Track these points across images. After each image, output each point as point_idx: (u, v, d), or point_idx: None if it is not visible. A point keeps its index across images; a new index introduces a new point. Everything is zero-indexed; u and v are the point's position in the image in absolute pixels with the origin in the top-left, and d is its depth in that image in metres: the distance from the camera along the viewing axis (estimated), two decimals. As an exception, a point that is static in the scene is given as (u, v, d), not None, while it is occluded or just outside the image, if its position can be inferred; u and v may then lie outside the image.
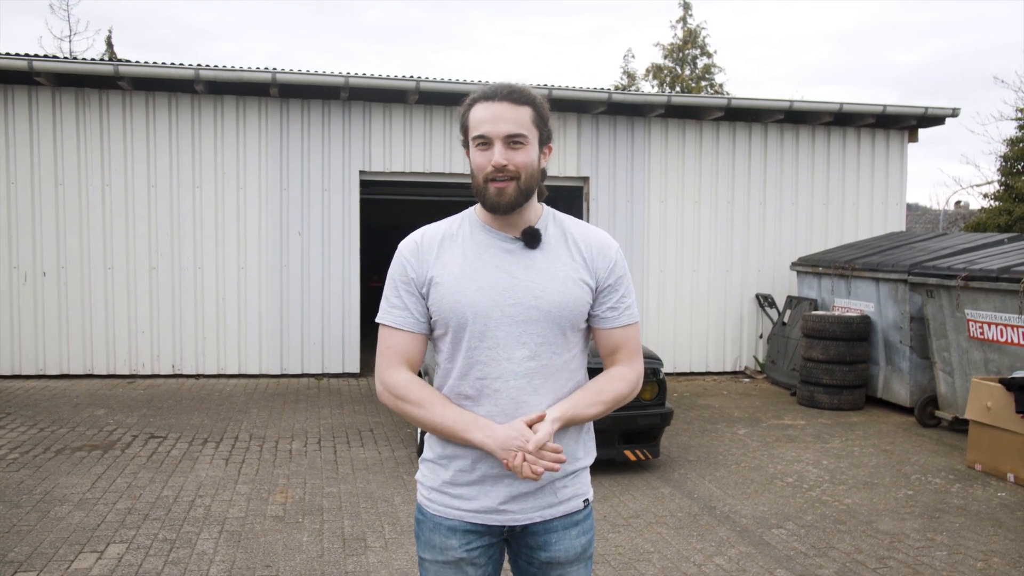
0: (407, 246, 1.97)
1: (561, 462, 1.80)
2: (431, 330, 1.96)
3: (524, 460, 1.77)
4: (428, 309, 1.93)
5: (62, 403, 7.78)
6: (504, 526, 1.94)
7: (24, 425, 6.87)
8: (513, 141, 1.84)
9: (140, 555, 4.21)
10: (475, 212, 1.98)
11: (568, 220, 2.02)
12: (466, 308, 1.87)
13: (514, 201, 1.86)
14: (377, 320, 1.97)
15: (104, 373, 9.13)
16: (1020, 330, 6.43)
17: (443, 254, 1.92)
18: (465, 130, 1.90)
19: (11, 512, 4.79)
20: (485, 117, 1.84)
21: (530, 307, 1.88)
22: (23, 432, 6.65)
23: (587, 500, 2.03)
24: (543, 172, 1.94)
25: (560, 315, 1.90)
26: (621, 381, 1.98)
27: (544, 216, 1.98)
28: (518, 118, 1.84)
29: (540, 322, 1.89)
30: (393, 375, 1.91)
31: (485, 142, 1.84)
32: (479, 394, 1.89)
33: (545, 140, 1.92)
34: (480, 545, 1.94)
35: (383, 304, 1.96)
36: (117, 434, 6.67)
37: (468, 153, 1.92)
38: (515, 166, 1.83)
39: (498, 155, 1.83)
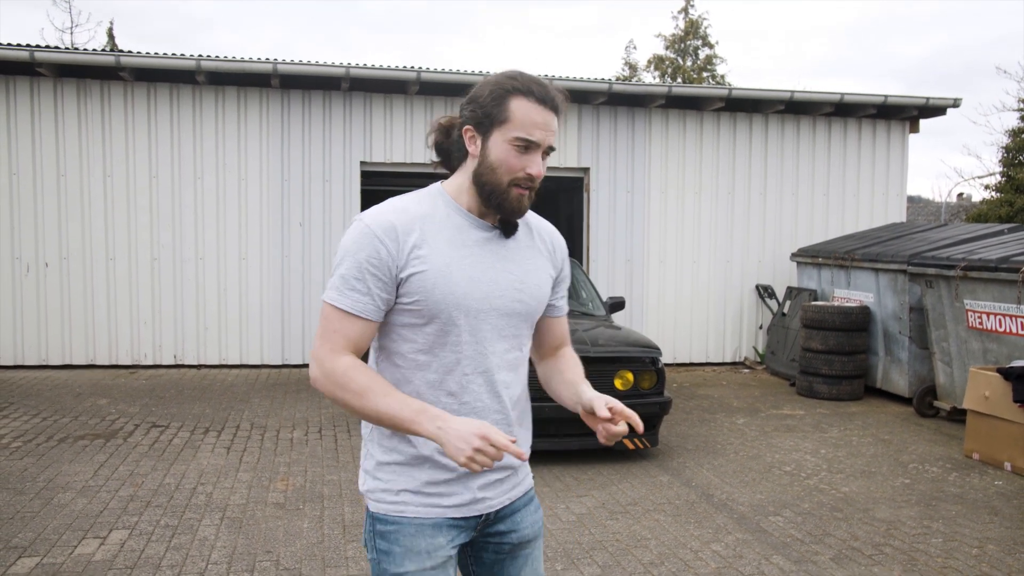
0: (380, 225, 1.74)
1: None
2: (390, 318, 1.81)
3: (482, 456, 1.61)
4: (398, 297, 1.77)
5: (64, 393, 7.83)
6: (480, 516, 1.88)
7: (27, 414, 6.92)
8: (547, 152, 1.79)
9: (142, 541, 4.26)
10: (447, 193, 1.86)
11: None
12: (459, 300, 1.76)
13: (527, 209, 1.83)
14: (327, 300, 1.76)
15: (106, 363, 9.17)
16: (1019, 320, 6.45)
17: (427, 237, 1.76)
18: (496, 119, 1.75)
19: (15, 499, 4.83)
20: (537, 122, 1.74)
21: (513, 299, 1.84)
22: (26, 421, 6.69)
23: (532, 476, 2.06)
24: None
25: (536, 306, 1.90)
26: (579, 361, 2.08)
27: None
28: (556, 129, 1.79)
29: (520, 314, 1.86)
30: (334, 361, 1.72)
31: (527, 146, 1.74)
32: (462, 390, 1.81)
33: None
34: (461, 542, 1.88)
35: (338, 283, 1.74)
36: (119, 423, 6.72)
37: (480, 138, 1.78)
38: (538, 177, 1.80)
39: (539, 166, 1.76)
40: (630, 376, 5.88)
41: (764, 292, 10.42)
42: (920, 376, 7.92)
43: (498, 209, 1.79)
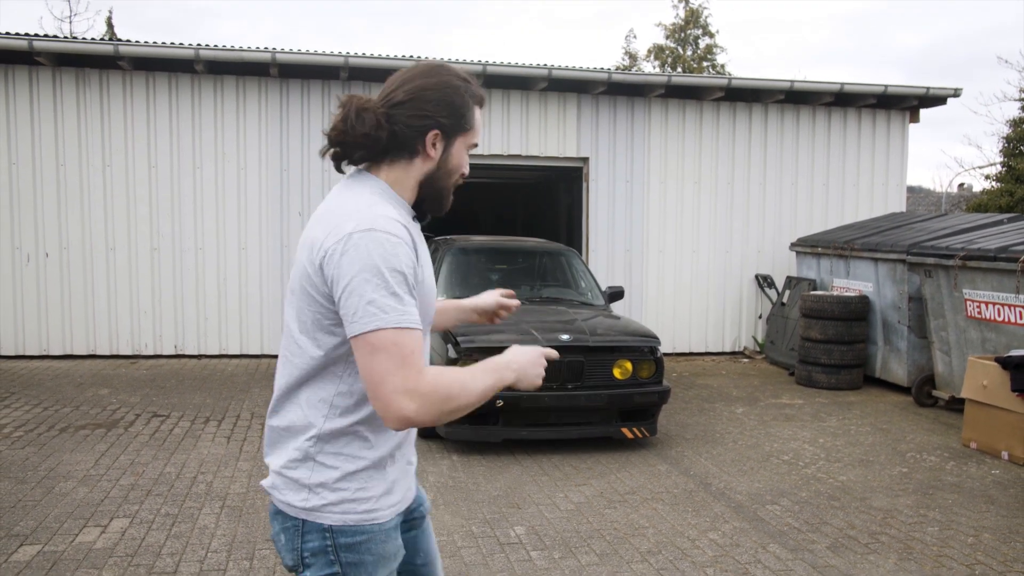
0: (401, 235, 1.63)
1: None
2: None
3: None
4: None
5: (65, 383, 7.85)
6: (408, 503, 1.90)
7: (28, 404, 6.94)
8: None
9: (143, 529, 4.28)
10: (397, 195, 1.77)
11: None
12: (431, 305, 1.80)
13: None
14: (393, 325, 1.56)
15: (107, 353, 9.19)
16: (1017, 309, 6.46)
17: (416, 244, 1.72)
18: (465, 125, 1.76)
19: (16, 488, 4.85)
20: (480, 126, 1.81)
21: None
22: (27, 411, 6.71)
23: None
24: None
25: None
26: None
27: None
28: None
29: None
30: (425, 379, 1.57)
31: (471, 148, 1.81)
32: None
33: None
34: None
35: (393, 303, 1.57)
36: (120, 413, 6.74)
37: (444, 140, 1.75)
38: None
39: (467, 165, 1.82)
40: (629, 365, 5.90)
41: (763, 282, 10.43)
42: (919, 365, 7.93)
43: (438, 209, 1.81)
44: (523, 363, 1.74)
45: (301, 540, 1.72)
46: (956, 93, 10.36)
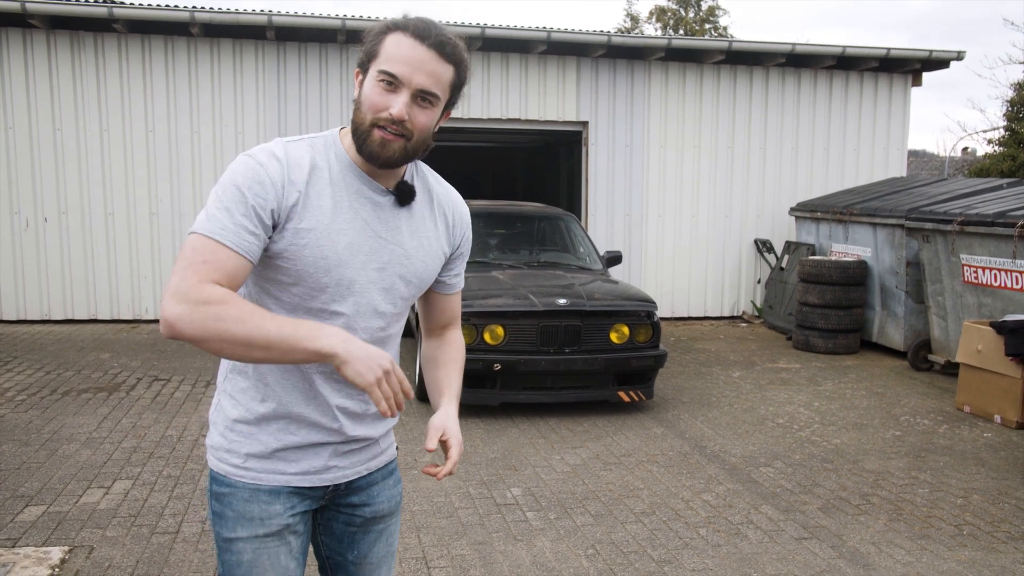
0: (271, 164, 1.58)
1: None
2: (261, 269, 1.65)
3: (387, 383, 1.52)
4: (268, 248, 1.60)
5: (67, 347, 7.90)
6: (327, 487, 1.78)
7: (31, 368, 7.00)
8: (423, 97, 1.60)
9: (145, 490, 4.35)
10: (343, 146, 1.69)
11: (429, 173, 1.83)
12: (332, 268, 1.63)
13: (396, 160, 1.63)
14: (201, 231, 1.52)
15: (108, 318, 9.24)
16: (1014, 274, 6.48)
17: (312, 191, 1.62)
18: (371, 56, 1.62)
19: (20, 450, 4.92)
20: (405, 57, 1.58)
21: (394, 275, 1.72)
22: (30, 375, 6.77)
23: (397, 447, 1.96)
24: (434, 133, 1.71)
25: (419, 286, 1.79)
26: (463, 350, 1.98)
27: (409, 166, 1.77)
28: (439, 74, 1.60)
29: (399, 290, 1.74)
30: (204, 289, 1.48)
31: (391, 83, 1.58)
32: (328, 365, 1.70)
33: (451, 104, 1.70)
34: (303, 510, 1.76)
35: (220, 215, 1.53)
36: (122, 377, 6.80)
37: (361, 78, 1.65)
38: (413, 126, 1.60)
39: (400, 106, 1.58)
40: (626, 330, 5.93)
41: (762, 246, 10.44)
42: (915, 330, 7.97)
43: (362, 153, 1.63)
44: (359, 346, 1.50)
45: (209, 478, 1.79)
46: (959, 56, 10.27)
